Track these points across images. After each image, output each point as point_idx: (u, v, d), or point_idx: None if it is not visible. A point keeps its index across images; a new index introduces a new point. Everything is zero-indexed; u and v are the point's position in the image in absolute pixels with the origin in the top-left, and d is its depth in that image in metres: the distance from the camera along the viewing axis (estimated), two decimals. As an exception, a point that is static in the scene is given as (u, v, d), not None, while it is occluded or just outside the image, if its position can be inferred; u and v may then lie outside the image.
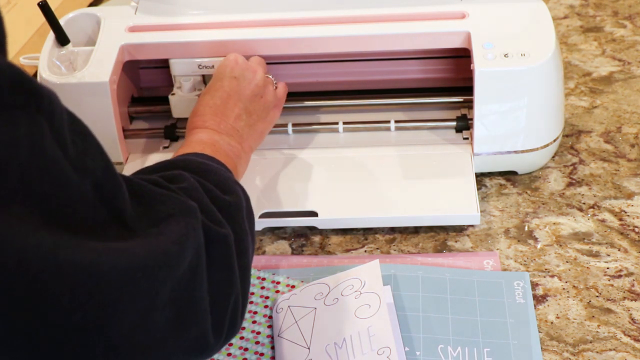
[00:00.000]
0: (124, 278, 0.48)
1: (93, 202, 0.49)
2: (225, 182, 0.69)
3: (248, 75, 0.85)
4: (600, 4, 1.25)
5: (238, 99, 0.83)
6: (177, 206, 0.57)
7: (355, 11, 0.93)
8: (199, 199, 0.61)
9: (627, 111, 1.02)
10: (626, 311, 0.76)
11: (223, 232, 0.61)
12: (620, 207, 0.88)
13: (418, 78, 1.02)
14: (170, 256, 0.52)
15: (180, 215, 0.56)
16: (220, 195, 0.65)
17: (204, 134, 0.79)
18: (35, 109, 0.45)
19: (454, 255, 0.84)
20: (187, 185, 0.63)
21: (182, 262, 0.53)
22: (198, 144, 0.77)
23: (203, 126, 0.80)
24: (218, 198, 0.64)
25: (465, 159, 0.90)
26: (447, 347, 0.73)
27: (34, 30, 1.19)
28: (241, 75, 0.84)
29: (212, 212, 0.62)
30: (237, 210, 0.66)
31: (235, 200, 0.66)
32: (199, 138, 0.78)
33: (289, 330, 0.74)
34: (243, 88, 0.84)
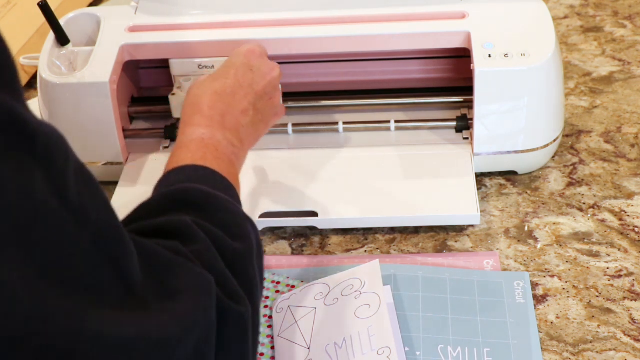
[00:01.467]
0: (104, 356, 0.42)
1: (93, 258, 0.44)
2: (235, 220, 0.61)
3: (264, 70, 0.78)
4: (600, 4, 1.25)
5: (249, 91, 0.75)
6: (190, 281, 0.51)
7: (355, 11, 0.93)
8: (214, 265, 0.55)
9: (627, 111, 1.02)
10: (626, 311, 0.76)
11: (239, 311, 0.54)
12: (620, 207, 0.88)
13: (418, 78, 1.02)
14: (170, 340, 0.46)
15: (193, 292, 0.50)
16: (231, 244, 0.58)
17: (205, 131, 0.70)
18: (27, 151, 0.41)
19: (454, 255, 0.84)
20: (201, 248, 0.55)
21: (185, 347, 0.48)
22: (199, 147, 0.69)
23: (206, 114, 0.71)
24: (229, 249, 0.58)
25: (465, 159, 0.90)
26: (447, 347, 0.73)
27: (34, 30, 1.19)
28: (257, 68, 0.77)
29: (227, 281, 0.55)
30: (249, 258, 0.59)
31: (246, 248, 0.60)
32: (200, 136, 0.70)
33: (289, 330, 0.74)
34: (256, 82, 0.76)
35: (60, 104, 0.91)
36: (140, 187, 0.90)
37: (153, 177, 0.83)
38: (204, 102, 0.72)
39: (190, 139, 0.70)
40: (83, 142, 0.92)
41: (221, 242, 0.57)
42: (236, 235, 0.60)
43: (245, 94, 0.75)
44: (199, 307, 0.50)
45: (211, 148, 0.69)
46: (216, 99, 0.73)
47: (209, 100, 0.72)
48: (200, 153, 0.68)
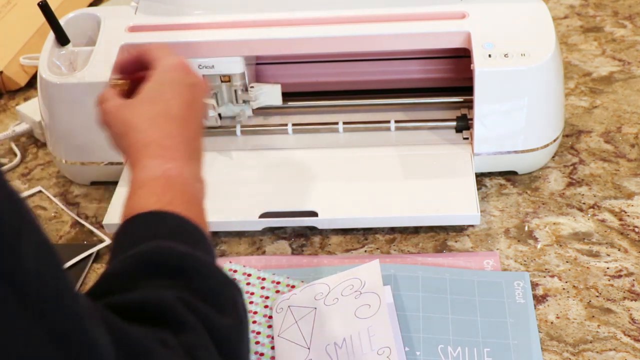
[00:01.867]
0: None
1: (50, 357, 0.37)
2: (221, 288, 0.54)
3: (199, 85, 0.68)
4: (600, 4, 1.25)
5: (195, 110, 0.65)
6: None
7: (355, 11, 0.93)
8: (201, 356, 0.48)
9: (627, 111, 1.02)
10: (626, 311, 0.76)
11: None
12: (620, 207, 0.88)
13: (418, 78, 1.02)
14: None
15: None
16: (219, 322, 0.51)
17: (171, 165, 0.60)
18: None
19: (454, 255, 0.84)
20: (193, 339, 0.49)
21: None
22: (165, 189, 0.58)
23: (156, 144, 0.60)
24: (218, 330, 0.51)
25: (465, 159, 0.90)
26: (447, 347, 0.73)
27: (34, 30, 1.19)
28: (196, 83, 0.67)
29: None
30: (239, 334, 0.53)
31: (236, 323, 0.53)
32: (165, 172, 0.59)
33: (289, 330, 0.74)
34: (197, 97, 0.67)
35: (60, 104, 0.91)
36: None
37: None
38: (149, 131, 0.61)
39: (153, 175, 0.59)
40: (83, 142, 0.92)
41: (211, 323, 0.51)
42: (225, 307, 0.53)
43: (195, 114, 0.65)
44: None
45: (179, 189, 0.59)
46: (170, 125, 0.62)
47: (155, 129, 0.61)
48: (168, 197, 0.58)
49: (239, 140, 0.96)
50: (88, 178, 0.96)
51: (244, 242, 0.87)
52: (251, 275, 0.82)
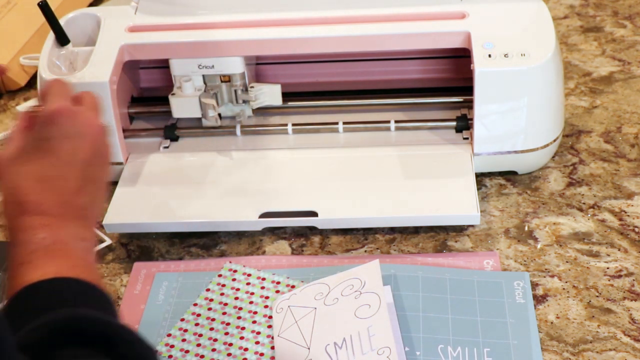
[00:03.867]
0: None
1: None
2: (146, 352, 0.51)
3: (81, 129, 0.61)
4: (600, 4, 1.25)
5: (74, 164, 0.60)
6: None
7: (355, 11, 0.93)
8: None
9: (627, 111, 1.02)
10: (626, 311, 0.76)
11: None
12: (620, 207, 0.88)
13: (418, 78, 1.02)
14: None
15: None
16: None
17: (45, 234, 0.55)
18: None
19: (454, 255, 0.84)
20: None
21: None
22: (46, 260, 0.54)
23: (37, 211, 0.56)
24: None
25: (465, 159, 0.90)
26: (447, 347, 0.73)
27: (34, 30, 1.19)
28: (76, 134, 0.61)
29: None
30: None
31: None
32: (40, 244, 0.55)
33: (289, 330, 0.74)
34: (79, 148, 0.60)
35: (60, 104, 0.90)
36: (140, 187, 0.90)
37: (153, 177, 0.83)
38: (27, 194, 0.57)
39: (30, 251, 0.55)
40: (83, 142, 0.92)
41: None
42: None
43: (72, 170, 0.60)
44: None
45: (61, 256, 0.55)
46: (41, 187, 0.58)
47: (33, 192, 0.57)
48: (52, 267, 0.54)
49: (239, 140, 0.96)
50: (88, 178, 0.96)
51: (244, 242, 0.87)
52: (251, 275, 0.82)
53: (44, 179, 0.58)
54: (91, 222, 0.60)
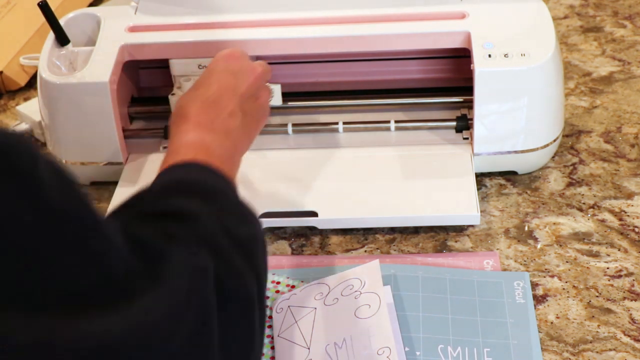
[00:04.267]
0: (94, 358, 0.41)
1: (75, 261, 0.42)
2: (238, 208, 0.62)
3: (246, 71, 0.77)
4: (600, 4, 1.25)
5: (234, 94, 0.74)
6: (183, 266, 0.49)
7: (355, 11, 0.93)
8: (215, 244, 0.54)
9: (627, 111, 1.02)
10: (626, 311, 0.76)
11: (245, 287, 0.54)
12: (620, 207, 0.88)
13: (418, 78, 1.02)
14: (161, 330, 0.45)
15: (186, 277, 0.49)
16: (236, 229, 0.58)
17: (194, 134, 0.69)
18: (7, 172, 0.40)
19: (454, 255, 0.84)
20: (201, 230, 0.55)
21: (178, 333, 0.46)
22: (189, 149, 0.67)
23: (193, 121, 0.70)
24: (235, 235, 0.57)
25: (465, 159, 0.90)
26: (447, 347, 0.73)
27: (34, 30, 1.19)
28: (238, 71, 0.76)
29: (232, 258, 0.54)
30: (256, 244, 0.59)
31: (252, 234, 0.60)
32: (189, 140, 0.68)
33: (289, 330, 0.74)
34: (239, 84, 0.75)
35: (60, 104, 0.91)
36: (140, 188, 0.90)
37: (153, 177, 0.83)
38: (189, 111, 0.71)
39: (181, 143, 0.68)
40: (83, 142, 0.92)
41: (227, 228, 0.57)
42: (242, 220, 0.60)
43: (230, 97, 0.73)
44: (192, 289, 0.48)
45: (201, 150, 0.67)
46: (201, 106, 0.71)
47: (194, 109, 0.71)
48: (190, 155, 0.66)
49: (239, 140, 0.96)
50: (88, 178, 0.96)
51: (244, 242, 0.87)
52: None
53: (205, 101, 0.72)
54: (236, 142, 0.72)
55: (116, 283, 0.44)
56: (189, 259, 0.50)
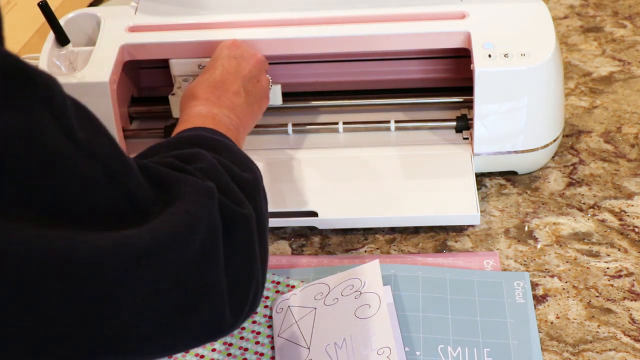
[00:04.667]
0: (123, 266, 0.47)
1: (105, 189, 0.48)
2: (242, 159, 0.68)
3: (246, 56, 0.85)
4: (600, 4, 1.25)
5: (237, 76, 0.82)
6: (193, 187, 0.55)
7: (355, 11, 0.93)
8: (218, 178, 0.60)
9: (627, 111, 1.02)
10: (626, 311, 0.76)
11: (244, 213, 0.59)
12: (620, 207, 0.88)
13: (418, 78, 1.02)
14: (179, 238, 0.51)
15: (195, 196, 0.54)
16: (239, 172, 0.64)
17: (202, 107, 0.77)
18: (31, 96, 0.44)
19: (454, 255, 0.84)
20: (205, 166, 0.61)
21: (191, 245, 0.52)
22: (198, 118, 0.75)
23: (202, 98, 0.78)
24: (237, 176, 0.63)
25: (465, 159, 0.90)
26: (447, 347, 0.73)
27: (34, 30, 1.19)
28: (240, 56, 0.85)
29: (233, 191, 0.60)
30: (256, 188, 0.65)
31: (253, 178, 0.65)
32: (198, 111, 0.76)
33: (289, 330, 0.74)
34: (242, 67, 0.84)
35: (60, 104, 0.90)
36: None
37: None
38: (197, 91, 0.79)
39: (191, 114, 0.76)
40: (83, 142, 0.92)
41: (232, 172, 0.63)
42: (244, 168, 0.66)
43: (234, 79, 0.82)
44: (203, 206, 0.54)
45: (209, 118, 0.75)
46: (208, 86, 0.80)
47: (202, 89, 0.79)
48: (200, 122, 0.74)
49: (239, 140, 0.96)
50: (88, 178, 0.96)
51: (244, 242, 0.87)
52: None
53: (212, 82, 0.80)
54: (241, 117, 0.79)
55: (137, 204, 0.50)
56: (197, 181, 0.56)
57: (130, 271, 0.47)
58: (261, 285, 0.61)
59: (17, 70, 0.43)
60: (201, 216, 0.53)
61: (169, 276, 0.50)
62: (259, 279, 0.61)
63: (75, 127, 0.46)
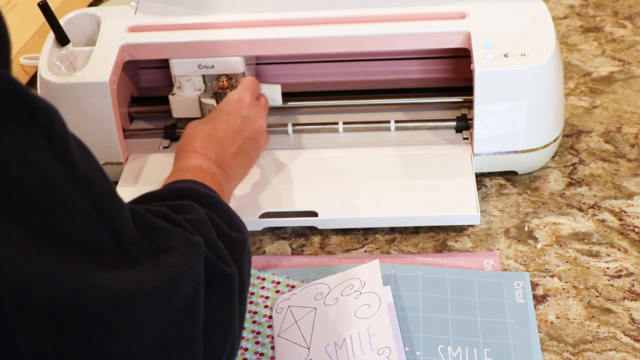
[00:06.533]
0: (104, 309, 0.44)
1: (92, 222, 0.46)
2: (232, 218, 0.67)
3: (253, 117, 0.84)
4: (600, 4, 1.25)
5: (238, 136, 0.81)
6: (180, 239, 0.54)
7: (355, 11, 0.93)
8: (206, 232, 0.59)
9: (627, 111, 1.02)
10: (626, 311, 0.76)
11: (228, 271, 0.58)
12: (620, 207, 0.88)
13: (418, 78, 1.02)
14: (162, 291, 0.49)
15: (183, 249, 0.53)
16: (228, 231, 0.63)
17: (202, 161, 0.76)
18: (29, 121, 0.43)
19: (454, 255, 0.84)
20: (195, 217, 0.60)
21: (175, 299, 0.50)
22: (197, 171, 0.74)
23: (200, 151, 0.77)
24: (225, 234, 0.63)
25: (465, 159, 0.90)
26: (447, 347, 0.73)
27: (34, 30, 1.19)
28: (246, 116, 0.83)
29: (219, 247, 0.60)
30: (242, 248, 0.64)
31: (240, 238, 0.65)
32: (198, 164, 0.75)
33: (289, 330, 0.74)
34: (245, 128, 0.83)
35: (60, 104, 0.89)
36: (140, 187, 0.90)
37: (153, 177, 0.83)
38: (197, 142, 0.78)
39: (189, 165, 0.75)
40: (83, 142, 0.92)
41: (221, 229, 0.62)
42: (234, 227, 0.65)
43: (235, 139, 0.81)
44: (189, 261, 0.53)
45: (208, 175, 0.74)
46: (209, 140, 0.78)
47: (202, 141, 0.78)
48: (199, 176, 0.73)
49: (239, 140, 0.96)
50: (88, 178, 0.96)
51: (244, 242, 0.87)
52: (251, 275, 0.82)
53: (212, 136, 0.79)
54: (232, 178, 0.79)
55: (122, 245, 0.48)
56: (185, 235, 0.55)
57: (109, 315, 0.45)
58: (237, 345, 0.61)
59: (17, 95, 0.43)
60: (187, 271, 0.52)
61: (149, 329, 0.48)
62: (236, 339, 0.60)
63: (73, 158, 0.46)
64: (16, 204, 0.42)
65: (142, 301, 0.47)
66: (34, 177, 0.43)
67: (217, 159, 0.77)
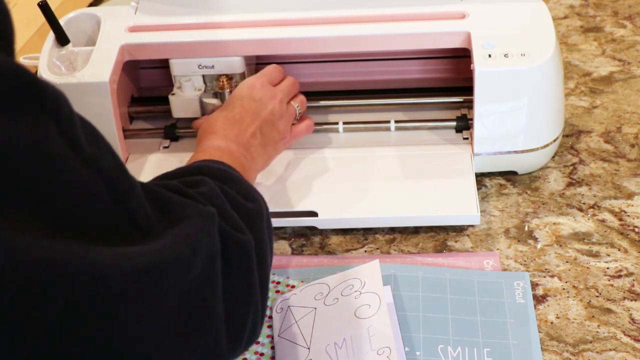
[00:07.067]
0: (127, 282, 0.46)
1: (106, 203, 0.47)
2: (247, 189, 0.68)
3: (266, 100, 0.86)
4: (600, 4, 1.25)
5: (255, 118, 0.84)
6: (194, 210, 0.55)
7: (355, 11, 0.93)
8: (219, 204, 0.60)
9: (627, 111, 1.02)
10: (626, 311, 0.76)
11: (243, 239, 0.59)
12: (620, 207, 0.88)
13: (418, 78, 1.02)
14: (180, 261, 0.50)
15: (197, 218, 0.55)
16: (242, 201, 0.64)
17: (220, 141, 0.79)
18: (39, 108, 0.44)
19: (454, 255, 0.84)
20: (207, 190, 0.62)
21: (193, 268, 0.52)
22: (215, 151, 0.77)
23: (220, 134, 0.80)
24: (240, 204, 0.63)
25: (465, 159, 0.90)
26: (447, 347, 0.73)
27: (34, 30, 1.19)
28: (260, 99, 0.85)
29: (233, 218, 0.61)
30: (259, 217, 0.65)
31: (257, 208, 0.66)
32: (216, 144, 0.79)
33: (289, 330, 0.74)
34: (260, 110, 0.85)
35: (60, 104, 0.90)
36: (140, 187, 0.90)
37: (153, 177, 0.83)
38: (216, 126, 0.82)
39: (207, 146, 0.79)
40: (83, 142, 0.92)
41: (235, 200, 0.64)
42: (249, 198, 0.66)
43: (252, 120, 0.83)
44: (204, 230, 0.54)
45: (226, 153, 0.78)
46: (227, 122, 0.82)
47: (221, 124, 0.82)
48: (216, 155, 0.76)
49: (239, 140, 0.96)
50: (88, 178, 0.96)
51: (244, 242, 0.87)
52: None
53: (231, 119, 0.83)
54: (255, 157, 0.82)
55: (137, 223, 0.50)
56: (197, 205, 0.57)
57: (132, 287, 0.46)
58: (261, 313, 0.61)
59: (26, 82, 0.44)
60: (202, 240, 0.53)
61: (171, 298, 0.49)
62: (258, 307, 0.60)
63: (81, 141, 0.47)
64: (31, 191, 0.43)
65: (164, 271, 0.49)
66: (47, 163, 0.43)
67: (237, 139, 0.80)
